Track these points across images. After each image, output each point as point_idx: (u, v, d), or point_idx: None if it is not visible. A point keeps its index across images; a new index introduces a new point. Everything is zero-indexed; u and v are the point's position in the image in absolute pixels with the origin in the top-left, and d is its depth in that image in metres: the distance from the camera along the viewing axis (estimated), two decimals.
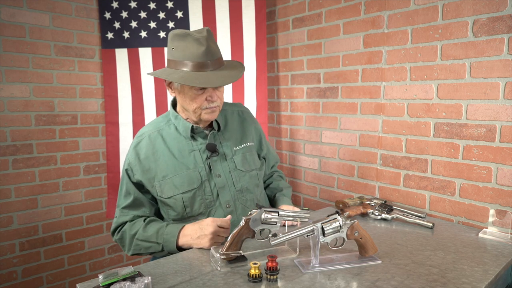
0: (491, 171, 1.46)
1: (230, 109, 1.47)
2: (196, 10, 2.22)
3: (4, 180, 2.03)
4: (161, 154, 1.31)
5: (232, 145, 1.39)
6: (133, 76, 2.29)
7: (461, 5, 1.50)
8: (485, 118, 1.46)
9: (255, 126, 1.52)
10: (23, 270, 2.13)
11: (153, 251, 1.25)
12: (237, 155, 1.38)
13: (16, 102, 2.04)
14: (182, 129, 1.33)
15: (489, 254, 1.20)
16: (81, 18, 2.21)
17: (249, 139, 1.44)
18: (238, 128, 1.44)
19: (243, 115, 1.49)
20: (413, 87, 1.69)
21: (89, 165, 2.33)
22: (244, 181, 1.37)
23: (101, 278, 0.92)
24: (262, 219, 1.12)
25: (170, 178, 1.29)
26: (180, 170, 1.29)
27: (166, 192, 1.29)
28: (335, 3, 1.98)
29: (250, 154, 1.42)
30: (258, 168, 1.45)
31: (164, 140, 1.33)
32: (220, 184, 1.32)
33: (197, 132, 1.33)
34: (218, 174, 1.33)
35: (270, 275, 0.99)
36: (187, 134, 1.32)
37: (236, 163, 1.36)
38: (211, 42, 1.23)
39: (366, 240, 1.12)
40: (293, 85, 2.29)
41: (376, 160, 1.87)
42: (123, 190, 1.32)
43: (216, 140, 1.36)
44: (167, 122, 1.37)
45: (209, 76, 1.20)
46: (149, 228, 1.25)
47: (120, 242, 1.31)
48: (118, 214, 1.32)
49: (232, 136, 1.40)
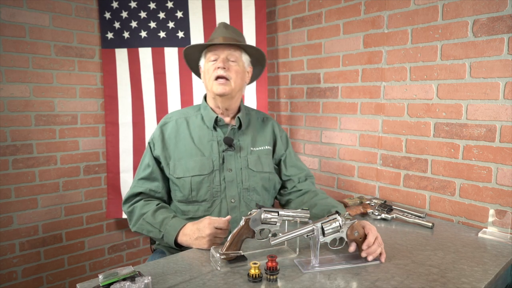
0: (491, 171, 1.46)
1: (256, 115, 1.56)
2: (196, 10, 2.22)
3: (4, 180, 2.03)
4: (182, 137, 1.40)
5: (250, 145, 1.44)
6: (133, 76, 2.28)
7: (461, 5, 1.50)
8: (485, 118, 1.47)
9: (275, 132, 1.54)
10: (23, 270, 2.13)
11: (154, 236, 1.29)
12: (252, 154, 1.43)
13: (16, 102, 2.04)
14: (207, 118, 1.42)
15: (489, 254, 1.20)
16: (81, 18, 2.21)
17: (267, 143, 1.49)
18: (259, 131, 1.51)
19: (266, 121, 1.56)
20: (413, 87, 1.69)
21: (89, 165, 2.33)
22: (253, 181, 1.40)
23: (101, 278, 0.92)
24: (262, 219, 1.12)
25: (185, 160, 1.36)
26: (195, 154, 1.37)
27: (177, 172, 1.35)
28: (335, 3, 1.99)
29: (266, 157, 1.46)
30: (272, 172, 1.47)
31: (188, 126, 1.43)
32: (229, 178, 1.37)
33: (220, 125, 1.42)
34: (230, 168, 1.38)
35: (270, 275, 0.99)
36: (210, 124, 1.41)
37: (249, 162, 1.41)
38: (229, 27, 1.42)
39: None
40: (293, 85, 2.29)
41: (376, 160, 1.87)
42: (145, 162, 1.41)
43: (235, 136, 1.43)
44: (197, 111, 1.47)
45: (212, 40, 1.39)
46: (158, 214, 1.30)
47: (129, 215, 1.36)
48: (134, 184, 1.40)
49: (251, 136, 1.46)
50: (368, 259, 1.10)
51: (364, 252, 1.10)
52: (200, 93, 2.26)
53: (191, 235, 1.21)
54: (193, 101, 2.28)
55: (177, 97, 2.29)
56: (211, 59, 1.38)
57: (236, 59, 1.39)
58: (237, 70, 1.38)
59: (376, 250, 1.10)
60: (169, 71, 2.27)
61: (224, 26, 1.42)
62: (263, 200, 1.43)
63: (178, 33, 2.24)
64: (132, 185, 1.41)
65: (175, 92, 2.28)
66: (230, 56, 1.37)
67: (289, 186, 1.53)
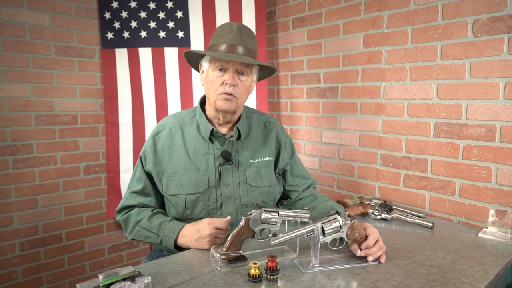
0: (491, 171, 1.46)
1: (258, 118, 1.44)
2: (196, 10, 2.22)
3: (4, 180, 2.03)
4: (176, 149, 1.30)
5: (249, 157, 1.34)
6: (133, 76, 2.28)
7: (461, 5, 1.50)
8: (485, 118, 1.47)
9: (279, 139, 1.43)
10: (23, 270, 2.13)
11: (152, 241, 1.25)
12: (251, 167, 1.34)
13: (16, 102, 2.04)
14: (203, 129, 1.31)
15: (489, 254, 1.20)
16: (81, 18, 2.21)
17: (268, 153, 1.38)
18: (259, 139, 1.39)
19: (269, 126, 1.43)
20: (413, 87, 1.69)
21: (89, 165, 2.33)
22: (252, 196, 1.32)
23: (101, 278, 0.92)
24: (262, 219, 1.12)
25: (179, 176, 1.28)
26: (190, 170, 1.28)
27: (171, 189, 1.28)
28: (335, 3, 1.98)
29: (266, 169, 1.36)
30: (273, 185, 1.38)
31: (183, 136, 1.32)
32: (226, 194, 1.30)
33: (217, 136, 1.31)
34: (227, 183, 1.30)
35: (270, 275, 0.99)
36: (206, 136, 1.30)
37: (247, 176, 1.32)
38: (244, 31, 1.26)
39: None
40: (293, 85, 2.29)
41: (376, 160, 1.87)
42: (136, 175, 1.34)
43: (233, 148, 1.32)
44: (192, 118, 1.36)
45: (228, 54, 1.21)
46: (154, 219, 1.26)
47: (124, 223, 1.32)
48: (126, 196, 1.34)
49: (251, 147, 1.36)
50: (368, 260, 1.10)
51: (363, 252, 1.10)
52: (200, 93, 2.26)
53: (191, 236, 1.19)
54: (193, 101, 2.28)
55: (177, 97, 2.29)
56: (218, 67, 1.23)
57: (247, 73, 1.26)
58: (245, 85, 1.27)
59: (377, 253, 1.10)
60: (169, 71, 2.27)
61: (238, 30, 1.24)
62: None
63: (178, 33, 2.24)
64: (125, 196, 1.35)
65: (175, 92, 2.28)
66: (241, 69, 1.24)
67: (293, 196, 1.47)
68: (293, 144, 1.51)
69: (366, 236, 1.11)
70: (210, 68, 1.26)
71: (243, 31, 1.26)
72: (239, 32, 1.25)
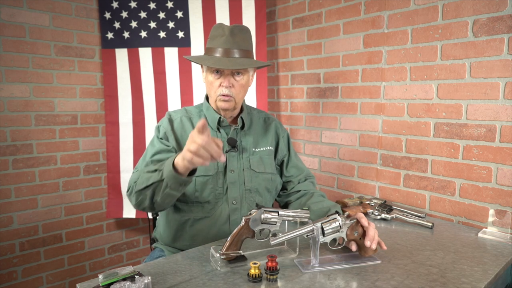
0: (491, 171, 1.46)
1: (258, 115, 1.54)
2: (196, 10, 2.22)
3: (4, 180, 2.03)
4: (188, 136, 1.29)
5: (252, 146, 1.43)
6: (133, 76, 2.29)
7: (461, 5, 1.50)
8: (485, 118, 1.47)
9: (278, 133, 1.53)
10: (23, 270, 2.13)
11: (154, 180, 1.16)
12: (254, 155, 1.42)
13: (16, 102, 2.04)
14: (210, 119, 1.39)
15: (488, 254, 1.20)
16: (81, 18, 2.22)
17: (269, 143, 1.48)
18: (260, 131, 1.49)
19: (268, 121, 1.54)
20: (413, 87, 1.69)
21: (89, 165, 2.33)
22: (255, 182, 1.39)
23: (101, 278, 0.92)
24: (262, 219, 1.12)
25: None
26: None
27: None
28: (335, 3, 1.99)
29: (268, 157, 1.45)
30: (274, 173, 1.46)
31: (193, 125, 1.40)
32: (231, 179, 1.35)
33: (223, 125, 1.40)
34: (232, 169, 1.37)
35: (270, 275, 0.99)
36: (214, 125, 1.39)
37: (251, 163, 1.40)
38: (236, 31, 1.31)
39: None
40: (293, 85, 2.29)
41: (376, 160, 1.87)
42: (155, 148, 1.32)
43: (238, 136, 1.41)
44: (199, 111, 1.45)
45: (221, 60, 1.29)
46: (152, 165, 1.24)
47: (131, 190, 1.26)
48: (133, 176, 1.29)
49: (253, 137, 1.45)
50: (372, 247, 1.10)
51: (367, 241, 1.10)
52: (200, 93, 2.26)
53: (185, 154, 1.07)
54: (193, 101, 2.28)
55: (177, 97, 2.29)
56: (214, 70, 1.31)
57: (243, 72, 1.34)
58: (242, 84, 1.35)
59: (375, 237, 1.11)
60: (169, 71, 2.27)
61: (230, 33, 1.31)
62: (264, 201, 1.42)
63: (178, 33, 2.24)
64: (132, 176, 1.29)
65: (175, 92, 2.28)
66: (236, 70, 1.31)
67: (288, 187, 1.52)
68: (290, 138, 1.59)
69: (364, 232, 1.12)
70: (208, 70, 1.35)
71: (235, 32, 1.32)
72: (232, 35, 1.31)
